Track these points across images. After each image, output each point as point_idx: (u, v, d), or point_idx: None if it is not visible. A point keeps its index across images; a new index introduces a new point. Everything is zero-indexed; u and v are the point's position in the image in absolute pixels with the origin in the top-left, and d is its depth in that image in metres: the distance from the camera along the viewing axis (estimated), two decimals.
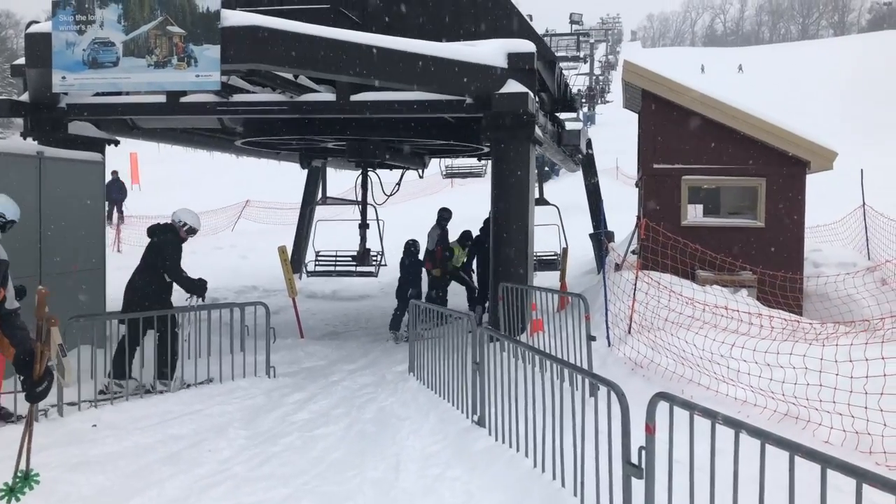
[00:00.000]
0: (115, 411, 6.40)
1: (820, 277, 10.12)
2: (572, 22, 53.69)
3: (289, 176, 25.05)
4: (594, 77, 59.20)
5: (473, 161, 24.47)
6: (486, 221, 10.50)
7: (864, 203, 13.01)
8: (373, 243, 13.30)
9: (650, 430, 3.35)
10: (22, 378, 3.84)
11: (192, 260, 10.61)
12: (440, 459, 5.24)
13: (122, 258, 18.89)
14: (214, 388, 7.42)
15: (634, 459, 3.47)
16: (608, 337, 7.89)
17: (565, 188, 28.41)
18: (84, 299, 8.36)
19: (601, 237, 17.52)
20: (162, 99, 9.18)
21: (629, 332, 8.24)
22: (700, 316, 8.02)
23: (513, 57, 8.49)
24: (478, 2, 9.81)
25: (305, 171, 17.20)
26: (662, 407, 3.36)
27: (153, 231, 7.75)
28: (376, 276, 13.07)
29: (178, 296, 7.83)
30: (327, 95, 9.06)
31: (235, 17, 6.87)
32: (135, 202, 25.54)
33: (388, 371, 8.43)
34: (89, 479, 4.88)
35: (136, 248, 21.19)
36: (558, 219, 16.61)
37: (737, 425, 2.94)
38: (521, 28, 9.73)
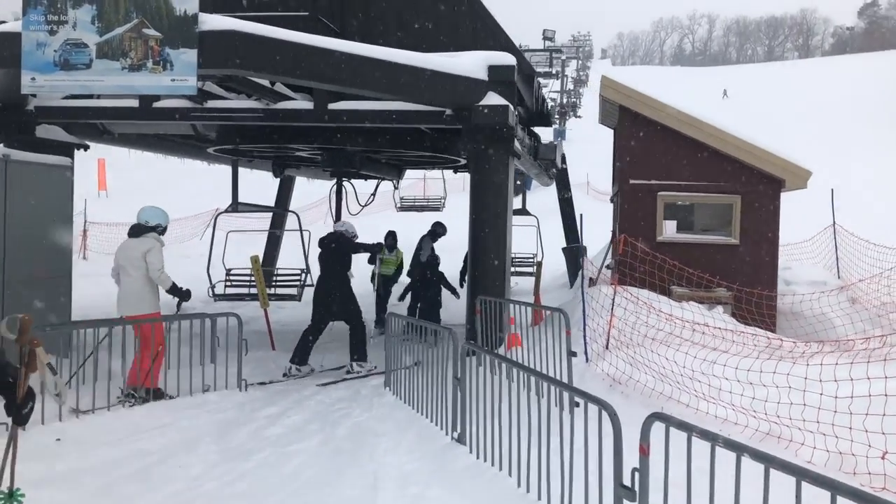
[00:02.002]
0: (81, 425, 6.15)
1: (795, 296, 10.19)
2: (545, 38, 54.10)
3: (258, 184, 24.82)
4: (566, 93, 59.70)
5: (432, 192, 23.57)
6: None
7: (834, 222, 13.17)
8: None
9: (644, 451, 3.27)
10: (5, 402, 3.81)
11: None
12: (419, 478, 5.09)
13: (88, 265, 18.49)
14: (184, 400, 7.20)
15: (627, 481, 3.37)
16: (586, 352, 7.83)
17: (533, 203, 28.47)
18: (49, 307, 8.08)
19: (574, 251, 17.63)
20: (135, 103, 8.97)
21: (607, 347, 8.19)
22: (678, 332, 8.01)
23: (493, 69, 8.44)
24: (458, 14, 9.74)
25: (278, 179, 16.97)
26: (657, 427, 3.27)
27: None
28: (299, 299, 10.94)
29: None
30: (304, 104, 8.91)
31: (213, 21, 6.71)
32: (102, 209, 25.00)
33: (363, 385, 8.27)
34: (53, 497, 4.66)
35: (101, 255, 20.78)
36: (537, 229, 16.63)
37: (739, 448, 2.86)
38: (501, 41, 9.68)
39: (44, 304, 7.96)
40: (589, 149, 43.06)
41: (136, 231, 7.68)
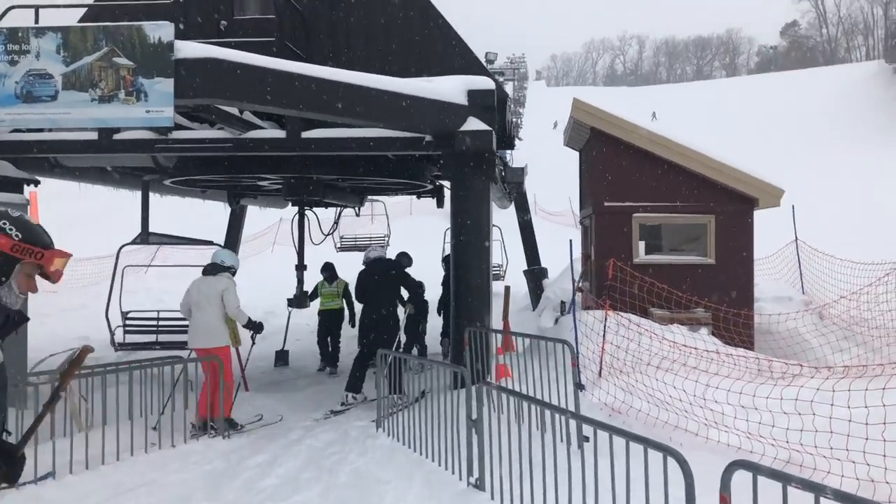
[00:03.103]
0: (59, 487, 5.62)
1: (772, 315, 10.23)
2: (488, 61, 54.44)
3: (199, 214, 24.05)
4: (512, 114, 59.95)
5: (375, 228, 22.15)
6: (447, 258, 10.22)
7: (796, 238, 13.38)
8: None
9: (725, 501, 3.05)
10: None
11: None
12: None
13: (42, 299, 17.54)
14: (165, 452, 6.72)
15: None
16: (579, 381, 7.63)
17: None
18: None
19: (536, 273, 17.55)
20: (93, 135, 8.49)
21: (600, 374, 8.03)
22: (670, 356, 7.90)
23: (473, 94, 8.26)
24: (429, 38, 9.59)
25: (224, 208, 16.42)
26: (741, 476, 3.05)
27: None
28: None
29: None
30: (276, 132, 8.58)
31: (190, 49, 6.35)
32: None
33: (350, 425, 7.88)
34: None
35: (47, 294, 19.77)
36: (500, 238, 16.43)
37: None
38: (475, 65, 9.54)
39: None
40: (532, 169, 43.38)
41: (213, 270, 8.36)
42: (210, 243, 10.52)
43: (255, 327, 8.63)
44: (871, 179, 37.63)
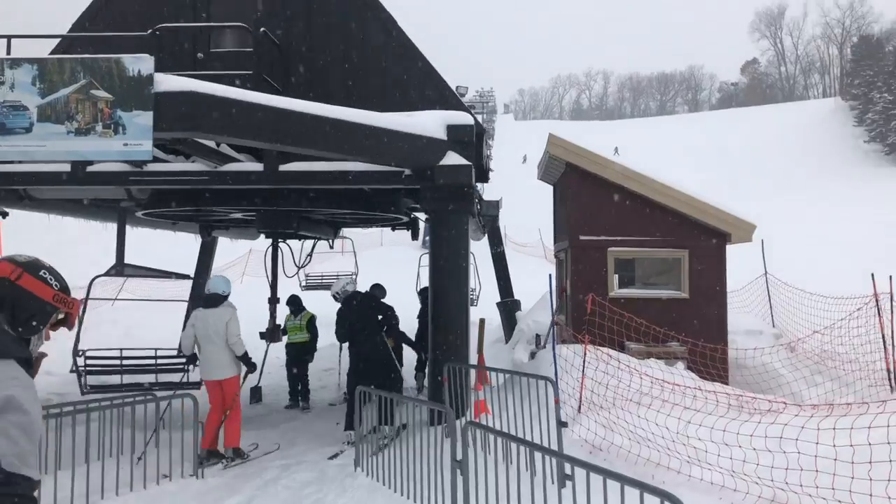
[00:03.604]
0: None
1: (747, 350, 10.31)
2: (459, 94, 54.91)
3: (167, 244, 23.67)
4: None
5: (342, 266, 21.16)
6: (424, 290, 10.11)
7: (766, 272, 13.57)
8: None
9: None
10: None
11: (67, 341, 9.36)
12: None
13: None
14: (137, 496, 6.50)
15: None
16: (559, 417, 7.58)
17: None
18: None
19: (509, 306, 17.53)
20: (66, 167, 8.33)
21: (579, 410, 7.99)
22: (648, 391, 7.89)
23: (452, 129, 8.30)
24: (406, 73, 9.62)
25: (197, 239, 16.17)
26: None
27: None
28: (179, 386, 8.82)
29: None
30: (254, 165, 8.50)
31: (170, 82, 6.26)
32: None
33: (326, 464, 7.70)
34: None
35: None
36: (473, 262, 16.33)
37: None
38: (451, 100, 9.58)
39: None
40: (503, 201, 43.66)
41: (215, 301, 8.36)
42: (187, 277, 10.30)
43: (249, 364, 8.44)
44: (830, 213, 38.46)
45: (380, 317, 9.57)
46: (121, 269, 9.59)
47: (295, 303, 12.49)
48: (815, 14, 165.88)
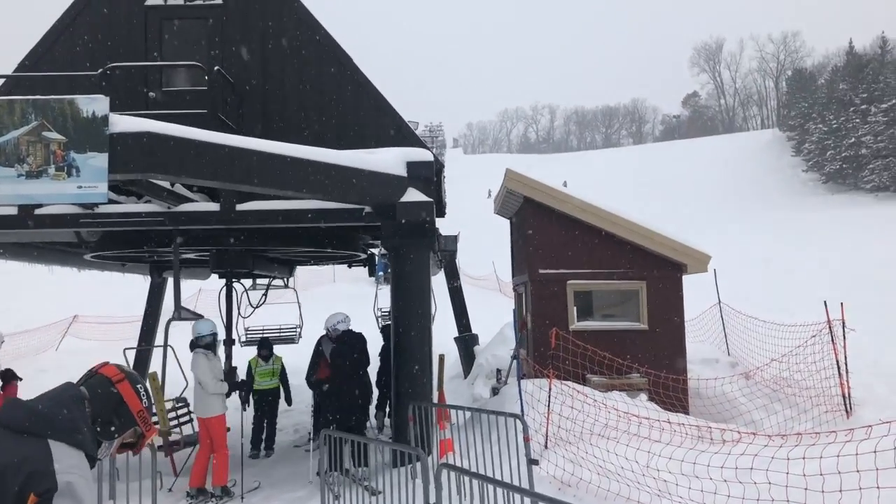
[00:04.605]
0: None
1: (708, 380, 10.42)
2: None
3: (115, 287, 23.05)
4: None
5: (289, 319, 20.15)
6: (386, 328, 9.96)
7: (719, 301, 13.80)
8: None
9: None
10: None
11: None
12: None
13: None
14: None
15: None
16: (529, 455, 7.51)
17: None
18: None
19: (467, 340, 17.46)
20: (12, 210, 8.06)
21: (546, 446, 7.93)
22: (616, 424, 7.89)
23: (412, 165, 8.30)
24: (362, 110, 9.62)
25: (147, 280, 15.73)
26: None
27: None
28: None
29: None
30: (210, 205, 8.35)
31: (126, 123, 6.12)
32: None
33: None
34: None
35: None
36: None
37: None
38: (409, 137, 9.60)
39: None
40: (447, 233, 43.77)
41: (191, 345, 8.79)
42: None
43: (239, 386, 9.49)
44: (774, 241, 39.50)
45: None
46: (178, 313, 9.38)
47: (267, 347, 11.85)
48: (750, 48, 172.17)
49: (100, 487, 7.19)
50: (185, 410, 10.41)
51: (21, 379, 9.62)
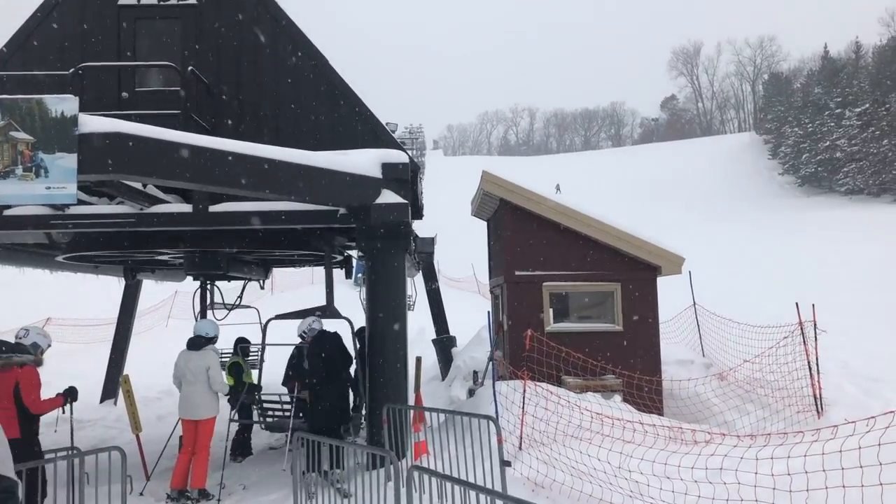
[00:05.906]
0: None
1: (681, 381, 10.49)
2: (389, 131, 55.04)
3: (88, 288, 22.75)
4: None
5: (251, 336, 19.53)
6: (361, 330, 9.89)
7: (694, 302, 13.90)
8: None
9: None
10: None
11: None
12: None
13: None
14: None
15: None
16: (502, 457, 7.51)
17: None
18: None
19: (445, 342, 17.46)
20: None
21: (520, 447, 7.95)
22: (589, 426, 7.92)
23: (387, 167, 8.27)
24: (337, 111, 9.58)
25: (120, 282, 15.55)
26: None
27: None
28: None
29: None
30: (182, 206, 8.28)
31: (95, 123, 6.05)
32: None
33: None
34: None
35: None
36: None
37: None
38: (384, 138, 9.58)
39: None
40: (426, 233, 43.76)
41: (197, 344, 8.66)
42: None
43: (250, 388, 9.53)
44: (751, 243, 39.87)
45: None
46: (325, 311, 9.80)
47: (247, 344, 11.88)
48: (728, 52, 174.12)
49: (68, 492, 7.10)
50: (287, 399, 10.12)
51: None
